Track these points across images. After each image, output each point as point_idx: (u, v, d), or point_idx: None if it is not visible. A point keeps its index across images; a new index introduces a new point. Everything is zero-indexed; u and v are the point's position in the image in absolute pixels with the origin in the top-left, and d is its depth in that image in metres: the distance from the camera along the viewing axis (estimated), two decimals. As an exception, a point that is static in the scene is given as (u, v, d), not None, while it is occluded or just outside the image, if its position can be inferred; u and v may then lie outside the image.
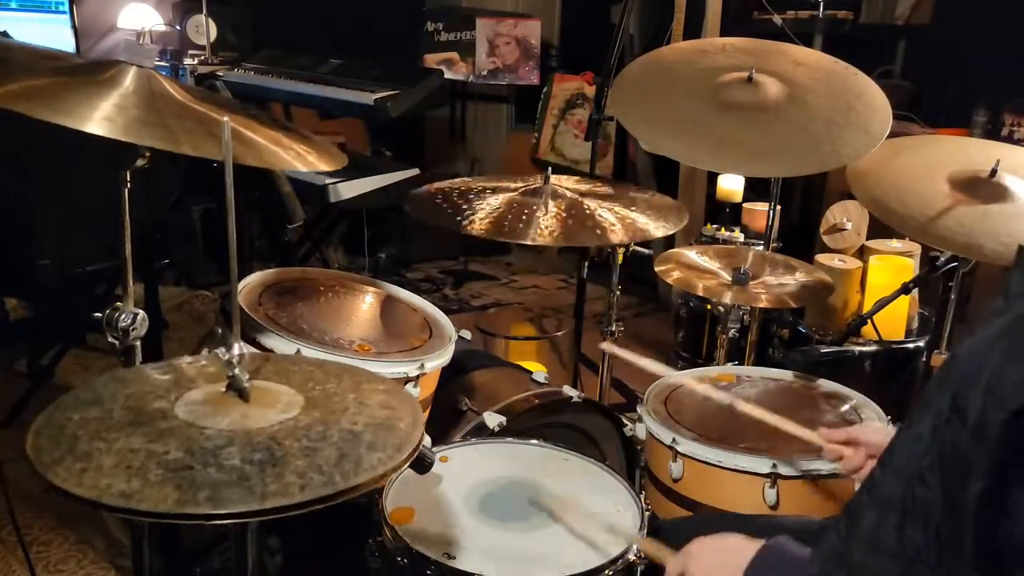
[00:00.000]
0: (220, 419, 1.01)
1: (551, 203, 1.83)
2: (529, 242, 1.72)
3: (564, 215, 1.79)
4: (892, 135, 1.90)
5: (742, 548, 1.04)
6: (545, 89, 4.97)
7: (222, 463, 0.92)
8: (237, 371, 1.05)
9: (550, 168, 1.94)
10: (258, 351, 1.54)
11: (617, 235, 1.78)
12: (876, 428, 1.45)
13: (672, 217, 1.91)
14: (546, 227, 1.75)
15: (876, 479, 0.99)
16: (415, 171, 3.12)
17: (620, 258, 2.11)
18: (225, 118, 1.02)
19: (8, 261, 3.24)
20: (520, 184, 1.93)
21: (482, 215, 1.77)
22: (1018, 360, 0.80)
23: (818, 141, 1.88)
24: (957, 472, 0.83)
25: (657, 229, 1.85)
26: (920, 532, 0.89)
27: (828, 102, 2.00)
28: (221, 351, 1.06)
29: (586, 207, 1.83)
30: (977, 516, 0.80)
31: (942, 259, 1.87)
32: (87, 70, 1.36)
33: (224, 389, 1.06)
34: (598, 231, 1.76)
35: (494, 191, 1.88)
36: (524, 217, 1.77)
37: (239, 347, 1.05)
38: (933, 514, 0.87)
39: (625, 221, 1.83)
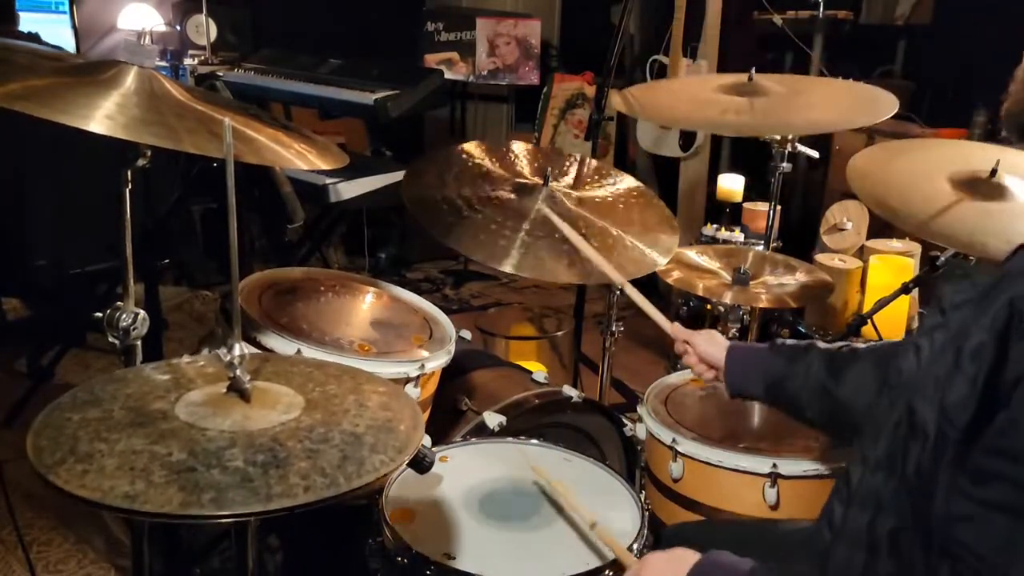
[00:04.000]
0: (221, 420, 1.01)
1: (543, 217, 1.82)
2: (509, 270, 1.70)
3: (557, 236, 1.75)
4: (892, 135, 1.90)
5: (687, 559, 1.12)
6: (545, 89, 4.97)
7: (225, 464, 0.92)
8: (239, 372, 1.05)
9: (550, 170, 1.93)
10: (258, 351, 1.54)
11: (600, 275, 1.75)
12: (713, 338, 1.52)
13: (662, 243, 1.89)
14: (533, 256, 1.72)
15: (837, 515, 1.03)
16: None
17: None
18: (227, 121, 1.02)
19: (6, 261, 3.24)
20: (519, 176, 1.92)
21: (471, 231, 1.75)
22: (961, 376, 0.84)
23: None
24: (922, 493, 0.87)
25: (644, 264, 1.83)
26: (887, 559, 0.91)
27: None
28: (222, 352, 1.06)
29: (581, 226, 1.81)
30: (945, 529, 0.84)
31: (942, 259, 1.87)
32: (88, 70, 1.36)
33: (225, 390, 1.06)
34: (580, 268, 1.73)
35: (492, 192, 1.88)
36: (507, 234, 1.75)
37: (240, 348, 1.05)
38: (901, 542, 0.91)
39: (620, 250, 1.81)
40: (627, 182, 2.05)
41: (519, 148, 2.08)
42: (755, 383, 1.43)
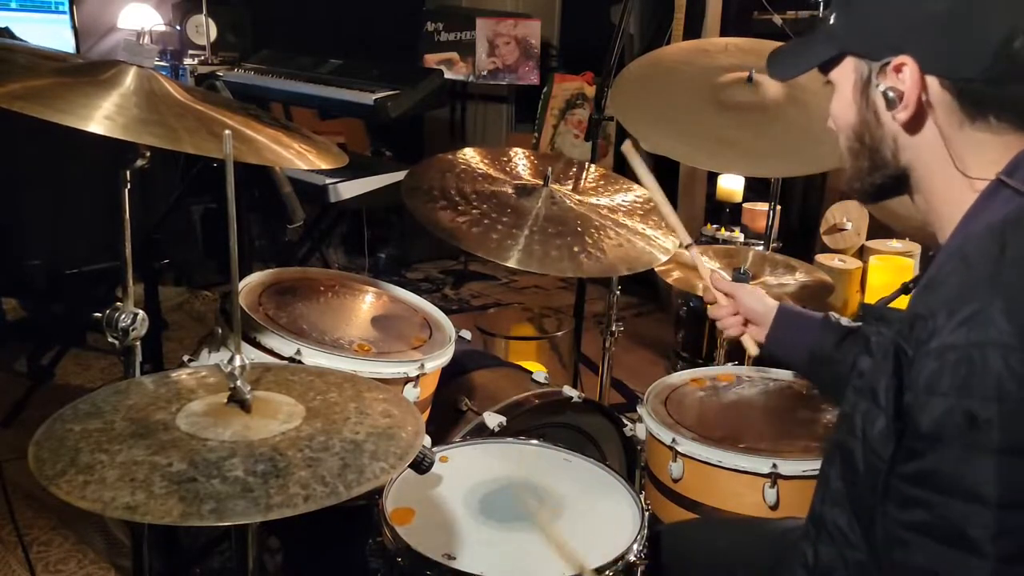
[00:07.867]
0: (222, 430, 1.01)
1: (542, 213, 1.81)
2: (512, 264, 1.70)
3: (550, 232, 1.76)
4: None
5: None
6: (545, 89, 4.97)
7: (225, 475, 0.93)
8: (239, 383, 1.05)
9: (550, 170, 1.93)
10: (258, 360, 1.54)
11: (593, 268, 1.75)
12: (759, 295, 1.51)
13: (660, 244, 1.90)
14: (527, 248, 1.73)
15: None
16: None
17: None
18: (227, 133, 1.02)
19: (2, 261, 3.24)
20: (518, 178, 1.93)
21: (469, 222, 1.75)
22: (879, 412, 0.89)
23: (817, 141, 1.88)
24: (865, 513, 0.93)
25: (640, 262, 1.83)
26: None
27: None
28: (223, 363, 1.06)
29: (578, 223, 1.82)
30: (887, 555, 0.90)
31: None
32: (87, 70, 1.36)
33: (226, 400, 1.07)
34: (573, 261, 1.74)
35: (491, 190, 1.88)
36: (503, 228, 1.75)
37: (241, 359, 1.05)
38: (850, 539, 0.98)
39: (614, 247, 1.81)
40: (632, 195, 2.04)
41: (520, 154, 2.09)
42: (799, 352, 1.40)
